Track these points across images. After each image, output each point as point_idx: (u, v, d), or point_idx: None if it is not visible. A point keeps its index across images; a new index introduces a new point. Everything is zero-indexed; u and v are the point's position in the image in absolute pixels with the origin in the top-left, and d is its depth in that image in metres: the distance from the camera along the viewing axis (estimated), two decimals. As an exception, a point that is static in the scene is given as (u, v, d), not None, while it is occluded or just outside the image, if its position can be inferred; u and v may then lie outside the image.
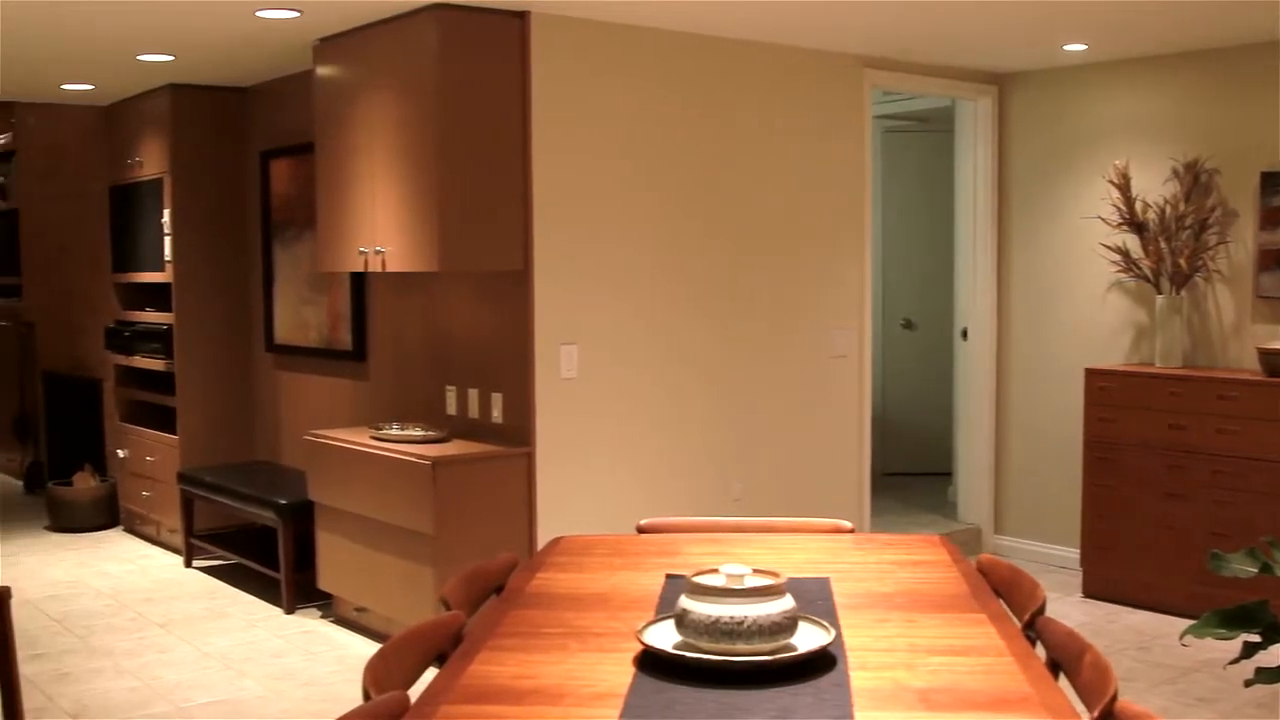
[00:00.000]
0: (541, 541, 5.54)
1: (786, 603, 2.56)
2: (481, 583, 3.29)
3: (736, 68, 6.27)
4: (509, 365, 5.69)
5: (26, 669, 5.04)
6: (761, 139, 6.40)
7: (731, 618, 2.50)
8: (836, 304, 6.78)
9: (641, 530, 3.92)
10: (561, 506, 5.66)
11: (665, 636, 2.63)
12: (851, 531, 3.91)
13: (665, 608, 2.94)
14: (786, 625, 2.54)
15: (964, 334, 7.81)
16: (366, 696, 2.44)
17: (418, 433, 5.74)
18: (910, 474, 9.40)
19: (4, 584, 3.99)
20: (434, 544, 5.35)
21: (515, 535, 5.56)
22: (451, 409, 6.01)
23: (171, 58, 6.70)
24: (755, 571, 2.64)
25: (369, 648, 5.86)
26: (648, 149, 5.96)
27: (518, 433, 5.65)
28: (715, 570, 2.64)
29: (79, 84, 7.67)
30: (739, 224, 6.33)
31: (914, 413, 9.54)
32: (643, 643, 2.58)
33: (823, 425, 6.77)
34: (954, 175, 7.94)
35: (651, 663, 2.56)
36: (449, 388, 6.03)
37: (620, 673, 2.52)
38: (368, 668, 2.52)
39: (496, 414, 5.74)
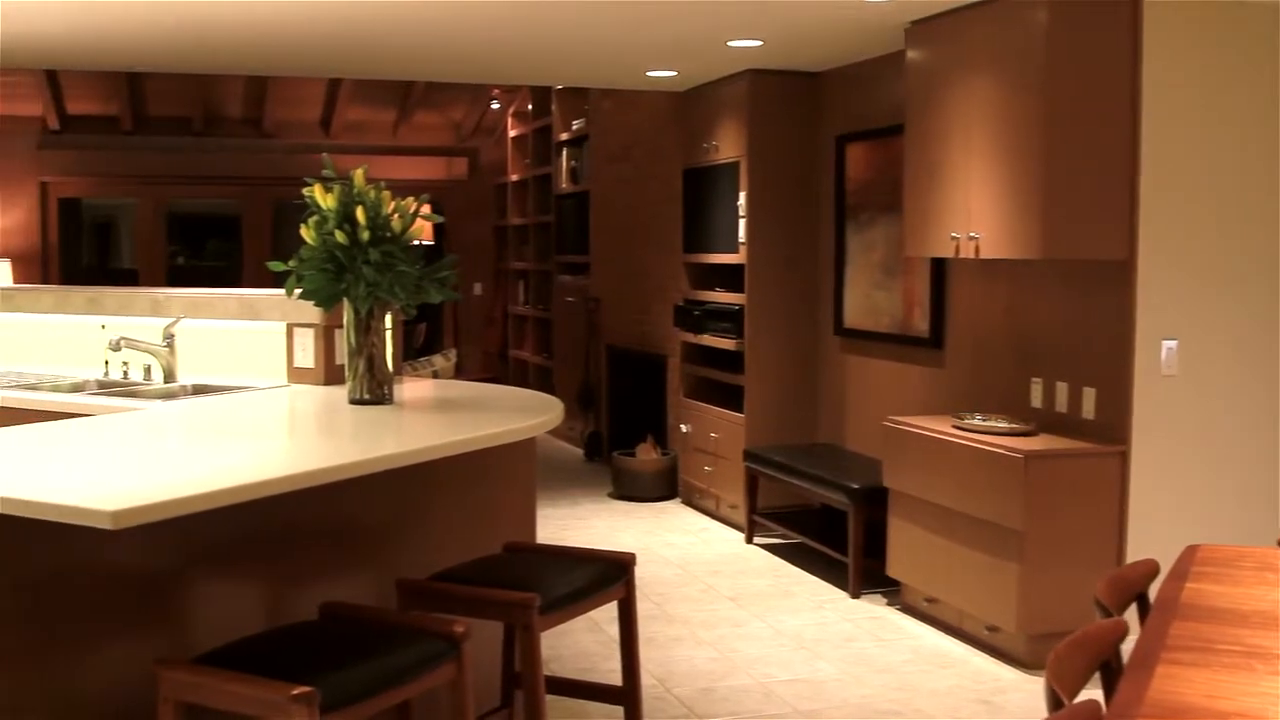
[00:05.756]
0: (1131, 546, 5.27)
1: None
2: (1126, 588, 3.13)
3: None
4: (1103, 359, 5.43)
5: (613, 630, 5.23)
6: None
7: None
8: None
9: (1286, 544, 3.65)
10: (1153, 510, 5.34)
11: (1373, 667, 2.39)
12: None
13: (1349, 633, 2.69)
14: None
15: None
16: (1053, 696, 2.34)
17: (1002, 424, 5.57)
18: None
19: (630, 550, 4.16)
20: (1021, 540, 5.19)
21: (1103, 536, 5.30)
22: (1036, 401, 5.81)
23: (760, 43, 6.82)
24: None
25: (940, 640, 5.78)
26: (1264, 135, 5.53)
27: (1111, 430, 5.39)
28: None
29: (664, 70, 7.96)
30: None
31: None
32: (1352, 672, 2.36)
33: None
34: None
35: (1357, 694, 2.34)
36: (1034, 380, 5.83)
37: (1323, 702, 2.31)
38: (1051, 670, 2.42)
39: (1087, 409, 5.50)
